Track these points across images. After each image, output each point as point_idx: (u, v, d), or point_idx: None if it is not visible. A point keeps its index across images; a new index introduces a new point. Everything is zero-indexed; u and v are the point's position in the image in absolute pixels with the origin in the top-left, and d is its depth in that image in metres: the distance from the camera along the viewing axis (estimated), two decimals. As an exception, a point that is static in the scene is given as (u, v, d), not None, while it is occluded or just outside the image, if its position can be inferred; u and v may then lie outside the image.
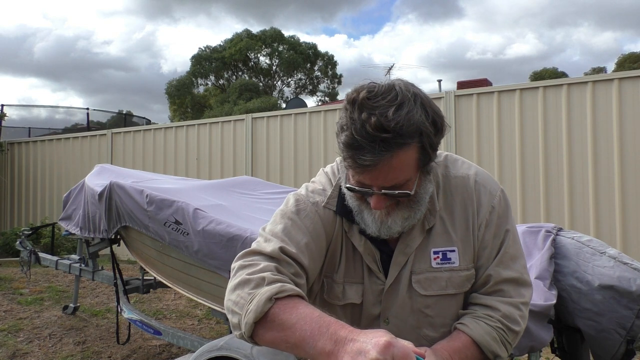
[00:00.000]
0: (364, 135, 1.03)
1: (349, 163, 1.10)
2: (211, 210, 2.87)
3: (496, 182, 1.31)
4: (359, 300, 1.26)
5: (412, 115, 1.05)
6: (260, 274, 1.09)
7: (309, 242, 1.19)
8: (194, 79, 30.35)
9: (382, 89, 1.07)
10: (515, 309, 1.22)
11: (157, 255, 3.17)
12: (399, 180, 1.11)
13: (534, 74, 32.15)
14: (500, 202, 1.27)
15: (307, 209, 1.24)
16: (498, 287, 1.24)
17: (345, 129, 1.07)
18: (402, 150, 1.06)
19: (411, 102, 1.07)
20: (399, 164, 1.08)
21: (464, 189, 1.26)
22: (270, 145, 7.50)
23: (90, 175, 4.02)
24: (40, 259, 4.85)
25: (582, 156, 5.40)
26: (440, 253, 1.23)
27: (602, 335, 1.96)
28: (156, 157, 8.65)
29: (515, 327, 1.21)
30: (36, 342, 4.20)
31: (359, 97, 1.06)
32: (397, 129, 1.03)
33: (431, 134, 1.10)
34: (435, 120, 1.11)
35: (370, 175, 1.09)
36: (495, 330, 1.20)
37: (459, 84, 12.70)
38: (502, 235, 1.26)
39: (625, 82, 5.27)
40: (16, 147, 10.39)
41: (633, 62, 26.98)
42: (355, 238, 1.26)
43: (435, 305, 1.23)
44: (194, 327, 4.65)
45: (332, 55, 32.07)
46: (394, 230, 1.18)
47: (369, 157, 1.04)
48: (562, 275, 2.09)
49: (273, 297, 1.03)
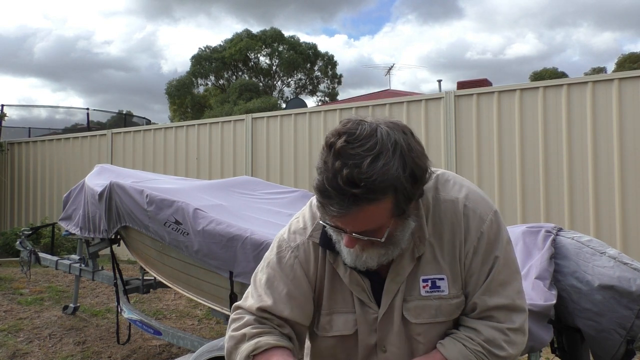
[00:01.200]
0: (334, 186, 1.02)
1: (318, 208, 1.11)
2: (211, 210, 2.87)
3: (489, 204, 1.25)
4: (349, 331, 1.25)
5: (387, 169, 1.01)
6: (242, 329, 1.22)
7: (290, 290, 1.25)
8: (194, 79, 30.35)
9: (363, 134, 1.03)
10: (500, 334, 1.19)
11: (157, 255, 3.17)
12: (369, 227, 1.09)
13: (534, 74, 32.16)
14: (491, 226, 1.22)
15: (287, 256, 1.28)
16: (485, 314, 1.21)
17: (318, 173, 1.07)
18: (372, 205, 1.04)
19: (389, 153, 1.02)
20: (368, 217, 1.06)
21: (452, 214, 1.22)
22: (270, 145, 7.50)
23: (90, 176, 4.02)
24: (40, 259, 4.85)
25: (582, 156, 5.40)
26: (429, 281, 1.21)
27: (602, 335, 1.95)
28: (156, 157, 8.65)
29: (498, 352, 1.18)
30: (36, 342, 4.20)
31: (337, 144, 1.04)
32: (369, 184, 1.00)
33: (407, 188, 1.05)
34: (414, 173, 1.06)
35: (340, 220, 1.08)
36: (474, 353, 1.17)
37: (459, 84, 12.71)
38: (490, 262, 1.21)
39: (625, 82, 5.27)
40: (16, 147, 10.39)
41: (633, 62, 26.99)
42: (340, 269, 1.25)
43: (426, 333, 1.23)
44: (194, 327, 4.65)
45: (332, 55, 32.08)
46: (370, 264, 1.16)
47: (337, 209, 1.03)
48: (562, 275, 2.09)
49: (250, 354, 1.17)
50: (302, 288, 1.26)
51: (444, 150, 6.11)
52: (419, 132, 6.35)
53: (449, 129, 6.14)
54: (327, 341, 1.29)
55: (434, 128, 6.27)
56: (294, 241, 1.29)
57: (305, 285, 1.27)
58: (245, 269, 2.52)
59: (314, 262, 1.27)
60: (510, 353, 1.20)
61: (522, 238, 2.29)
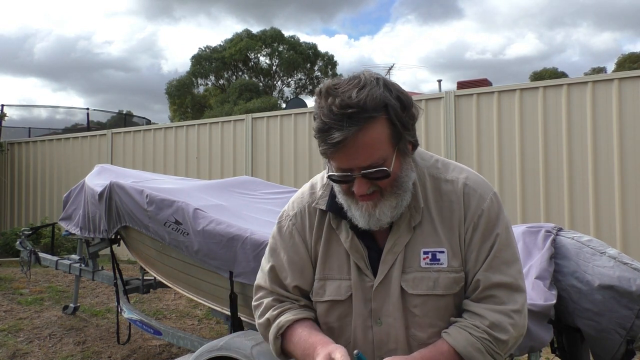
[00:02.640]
0: (331, 116, 1.10)
1: (322, 148, 1.15)
2: (211, 210, 2.86)
3: (489, 186, 1.30)
4: (341, 296, 1.28)
5: (374, 92, 1.11)
6: (265, 315, 1.34)
7: (290, 256, 1.35)
8: (194, 79, 30.33)
9: (347, 78, 1.15)
10: (505, 317, 1.20)
11: (157, 255, 3.17)
12: (374, 157, 1.14)
13: (534, 74, 32.14)
14: (492, 205, 1.26)
15: (285, 225, 1.38)
16: (488, 292, 1.22)
17: (315, 118, 1.15)
18: (370, 124, 1.11)
19: (373, 83, 1.13)
20: (369, 139, 1.12)
21: (452, 193, 1.26)
22: (270, 145, 7.50)
23: (90, 176, 4.02)
24: (41, 259, 4.85)
25: (582, 156, 5.40)
26: (430, 253, 1.24)
27: (602, 335, 1.96)
28: (156, 157, 8.65)
29: (503, 337, 1.19)
30: (36, 342, 4.20)
31: (325, 86, 1.15)
32: (361, 104, 1.09)
33: (397, 107, 1.14)
34: (400, 97, 1.16)
35: (345, 154, 1.13)
36: (480, 341, 1.18)
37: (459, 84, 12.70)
38: (492, 239, 1.23)
39: (625, 82, 5.27)
40: (16, 147, 10.39)
41: (633, 62, 26.98)
42: (342, 234, 1.29)
43: (423, 305, 1.23)
44: (194, 327, 4.65)
45: (332, 55, 32.05)
46: (383, 221, 1.21)
47: (338, 134, 1.10)
48: (562, 275, 2.09)
49: (278, 335, 1.29)
50: (301, 254, 1.34)
51: (444, 150, 6.11)
52: (419, 132, 6.29)
53: (449, 129, 6.14)
54: (320, 307, 1.31)
55: (434, 128, 6.27)
56: (292, 210, 1.38)
57: (304, 251, 1.34)
58: (245, 269, 2.51)
59: (309, 228, 1.34)
60: (515, 335, 1.21)
61: (522, 238, 2.29)
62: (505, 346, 1.21)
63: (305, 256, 1.34)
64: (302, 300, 1.34)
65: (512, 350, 1.25)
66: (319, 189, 1.36)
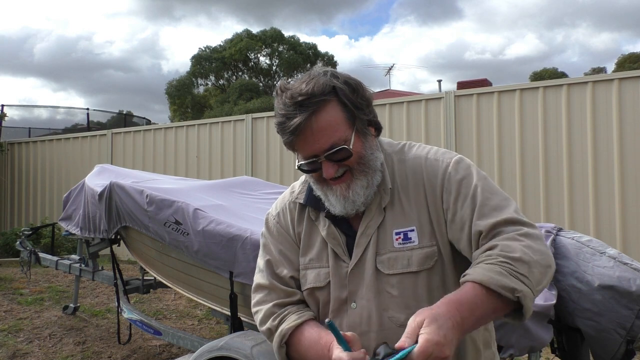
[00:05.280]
0: (285, 109, 1.21)
1: (285, 139, 1.24)
2: (211, 211, 2.86)
3: (453, 153, 1.32)
4: (320, 283, 1.31)
5: (321, 79, 1.21)
6: (265, 324, 1.34)
7: (281, 249, 1.40)
8: (194, 79, 30.33)
9: (300, 76, 1.25)
10: (513, 241, 1.13)
11: (157, 255, 3.17)
12: (334, 138, 1.21)
13: (534, 74, 32.14)
14: (458, 165, 1.28)
15: (271, 224, 1.45)
16: (493, 232, 1.17)
17: (275, 117, 1.25)
18: (321, 107, 1.20)
19: (321, 74, 1.23)
20: (324, 122, 1.20)
21: (417, 168, 1.31)
22: (270, 145, 7.50)
23: (90, 176, 4.02)
24: (41, 259, 4.85)
25: (582, 156, 5.40)
26: (401, 234, 1.26)
27: (602, 335, 1.96)
28: (156, 157, 8.65)
29: (516, 255, 1.10)
30: (36, 342, 4.20)
31: (279, 85, 1.25)
32: (310, 92, 1.19)
33: (346, 90, 1.22)
34: (348, 82, 1.24)
35: (305, 141, 1.22)
36: (499, 265, 1.08)
37: (459, 84, 12.70)
38: (470, 193, 1.22)
39: (625, 82, 5.27)
40: (16, 147, 10.39)
41: (633, 62, 26.98)
42: (320, 224, 1.35)
43: (399, 284, 1.23)
44: (194, 327, 4.65)
45: (332, 56, 32.05)
46: (358, 202, 1.26)
47: (294, 122, 1.19)
48: (562, 275, 2.09)
49: (282, 343, 1.29)
50: (289, 247, 1.40)
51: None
52: (419, 132, 6.35)
53: (449, 129, 6.14)
54: (304, 296, 1.35)
55: (434, 128, 6.27)
56: (275, 210, 1.47)
57: (292, 243, 1.40)
58: (245, 269, 2.51)
59: (290, 222, 1.41)
60: (531, 258, 1.11)
61: (522, 238, 2.28)
62: (528, 267, 1.09)
63: (294, 248, 1.39)
64: (299, 293, 1.36)
65: (542, 282, 1.12)
66: (298, 187, 1.44)
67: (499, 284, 1.05)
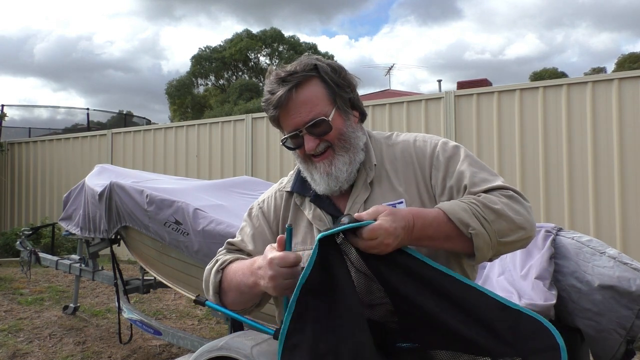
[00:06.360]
0: (270, 85, 1.32)
1: (270, 114, 1.33)
2: (211, 211, 2.87)
3: (439, 137, 1.42)
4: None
5: (304, 60, 1.33)
6: (214, 259, 1.48)
7: (254, 233, 1.51)
8: (194, 79, 30.34)
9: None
10: (494, 197, 1.21)
11: (157, 255, 3.17)
12: (315, 112, 1.29)
13: (534, 74, 32.14)
14: (445, 145, 1.36)
15: (254, 209, 1.57)
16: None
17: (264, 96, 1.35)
18: (303, 82, 1.29)
19: (305, 58, 1.34)
20: (305, 97, 1.29)
21: (406, 150, 1.38)
22: (270, 145, 7.50)
23: (90, 176, 4.02)
24: (41, 259, 4.84)
25: (582, 156, 5.40)
26: (390, 206, 1.27)
27: (602, 335, 1.95)
28: (156, 157, 8.65)
29: (492, 205, 1.18)
30: (36, 342, 4.20)
31: (267, 70, 1.36)
32: (293, 70, 1.30)
33: (328, 69, 1.31)
34: (331, 64, 1.34)
35: (288, 113, 1.30)
36: (468, 204, 1.19)
37: (459, 84, 12.71)
38: (457, 169, 1.30)
39: (625, 82, 5.27)
40: (16, 147, 10.39)
41: (633, 62, 26.98)
42: (306, 208, 1.42)
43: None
44: (194, 327, 4.65)
45: (332, 56, 32.06)
46: (341, 179, 1.32)
47: (278, 94, 1.28)
48: (562, 275, 2.09)
49: (219, 268, 1.40)
50: (264, 234, 1.49)
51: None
52: (418, 131, 6.30)
53: (449, 129, 6.14)
54: None
55: (434, 128, 6.27)
56: (261, 198, 1.58)
57: (267, 230, 1.49)
58: (245, 269, 2.52)
59: (274, 209, 1.50)
60: (505, 210, 1.18)
61: (522, 238, 2.28)
62: (494, 215, 1.17)
63: (269, 234, 1.48)
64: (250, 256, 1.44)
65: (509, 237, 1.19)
66: (287, 178, 1.54)
67: (457, 216, 1.16)
